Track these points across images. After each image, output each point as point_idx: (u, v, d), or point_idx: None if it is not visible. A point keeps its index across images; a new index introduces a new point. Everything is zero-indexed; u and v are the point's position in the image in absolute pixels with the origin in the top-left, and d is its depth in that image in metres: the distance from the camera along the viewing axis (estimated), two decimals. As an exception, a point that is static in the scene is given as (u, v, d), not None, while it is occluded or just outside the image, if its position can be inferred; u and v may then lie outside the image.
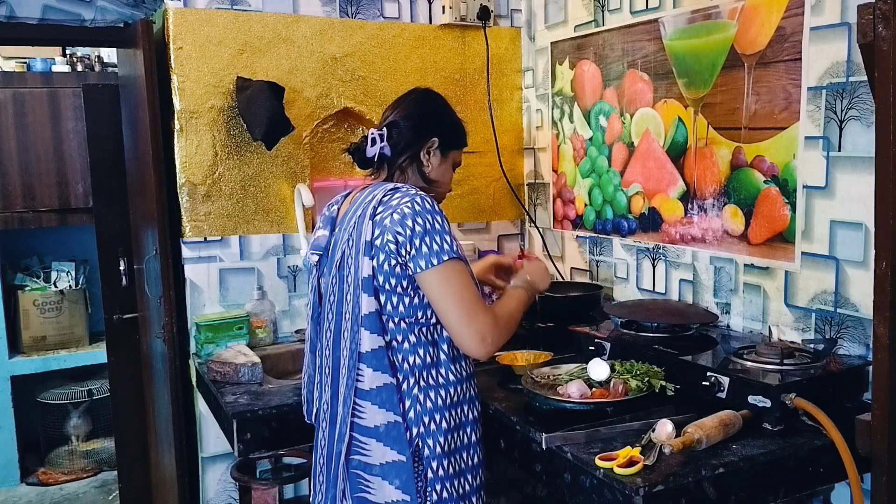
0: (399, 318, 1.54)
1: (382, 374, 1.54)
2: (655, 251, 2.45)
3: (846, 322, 1.87)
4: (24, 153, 4.00)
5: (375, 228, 1.53)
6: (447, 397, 1.57)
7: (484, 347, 1.53)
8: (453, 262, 1.51)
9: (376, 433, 1.54)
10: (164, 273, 2.48)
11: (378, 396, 1.54)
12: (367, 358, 1.54)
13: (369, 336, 1.53)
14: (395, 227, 1.51)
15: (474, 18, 2.85)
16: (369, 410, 1.54)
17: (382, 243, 1.51)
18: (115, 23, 2.72)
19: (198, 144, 2.48)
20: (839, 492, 1.84)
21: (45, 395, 4.20)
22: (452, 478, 1.57)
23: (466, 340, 1.52)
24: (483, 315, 1.53)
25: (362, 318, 1.53)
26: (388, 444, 1.53)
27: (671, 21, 2.31)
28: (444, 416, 1.56)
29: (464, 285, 1.52)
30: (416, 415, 1.54)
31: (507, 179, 3.01)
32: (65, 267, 4.29)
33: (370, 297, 1.52)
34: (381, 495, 1.54)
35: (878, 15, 1.31)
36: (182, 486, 2.54)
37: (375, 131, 1.66)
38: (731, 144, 2.15)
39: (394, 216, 1.51)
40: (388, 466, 1.54)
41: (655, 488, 1.40)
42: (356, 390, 1.55)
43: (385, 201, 1.55)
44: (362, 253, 1.53)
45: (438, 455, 1.54)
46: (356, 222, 1.57)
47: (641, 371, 1.82)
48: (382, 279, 1.52)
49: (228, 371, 2.20)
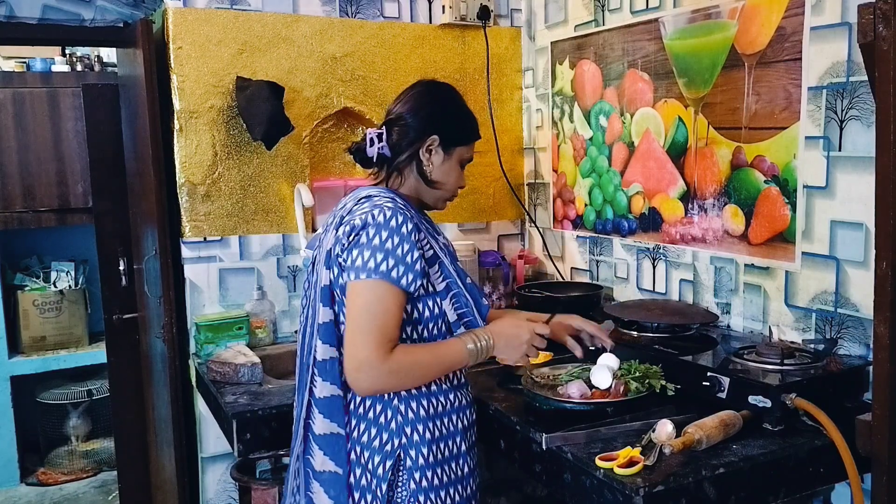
0: None
1: (331, 385, 1.50)
2: (656, 251, 2.45)
3: (846, 322, 1.86)
4: (24, 153, 4.00)
5: (336, 240, 1.50)
6: (429, 408, 1.52)
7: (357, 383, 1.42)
8: (373, 283, 1.41)
9: (319, 441, 1.53)
10: (164, 273, 2.47)
11: (325, 406, 1.51)
12: (320, 367, 1.51)
13: (321, 346, 1.50)
14: (343, 238, 1.47)
15: (474, 18, 2.85)
16: (317, 419, 1.53)
17: (335, 255, 1.49)
18: (115, 22, 2.72)
19: (197, 144, 2.48)
20: (839, 492, 1.84)
21: (45, 395, 4.20)
22: (439, 489, 1.52)
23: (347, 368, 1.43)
24: (370, 349, 1.39)
25: (319, 328, 1.50)
26: (328, 455, 1.51)
27: (671, 21, 2.31)
28: (428, 426, 1.51)
29: (367, 310, 1.41)
30: (398, 426, 1.50)
31: (507, 179, 3.01)
32: (64, 267, 4.29)
33: (325, 307, 1.50)
34: (319, 501, 1.53)
35: (879, 15, 1.31)
36: (182, 486, 2.54)
37: (374, 131, 1.60)
38: (732, 144, 2.14)
39: (345, 228, 1.48)
40: (325, 476, 1.52)
41: (656, 488, 1.40)
42: (311, 395, 1.54)
43: (353, 210, 1.51)
44: (323, 262, 1.51)
45: (422, 466, 1.50)
46: (324, 230, 1.56)
47: (641, 371, 1.82)
48: (339, 291, 1.50)
49: (228, 371, 2.20)
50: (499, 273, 2.85)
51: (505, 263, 2.88)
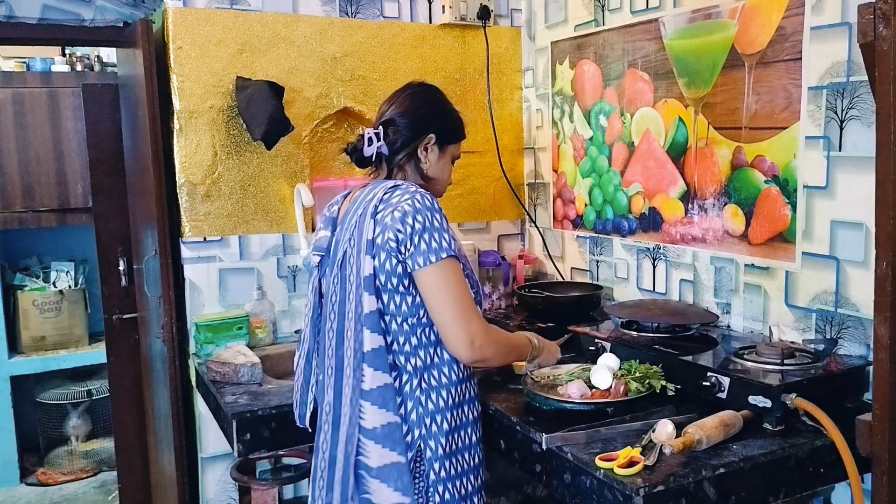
0: (402, 318, 1.54)
1: (382, 374, 1.53)
2: (656, 251, 2.45)
3: (847, 322, 1.86)
4: (24, 153, 4.00)
5: (376, 227, 1.52)
6: (448, 398, 1.57)
7: (472, 352, 1.51)
8: (450, 261, 1.51)
9: (374, 435, 1.53)
10: (164, 273, 2.47)
11: (379, 397, 1.53)
12: (369, 358, 1.53)
13: (370, 335, 1.52)
14: (396, 224, 1.50)
15: (474, 18, 2.85)
16: (369, 411, 1.53)
17: (383, 241, 1.51)
18: (115, 22, 2.72)
19: (197, 144, 2.48)
20: (839, 492, 1.84)
21: (45, 395, 4.20)
22: (454, 479, 1.57)
23: (457, 340, 1.51)
24: (477, 320, 1.53)
25: (364, 318, 1.52)
26: (387, 446, 1.52)
27: (671, 21, 2.31)
28: (446, 417, 1.56)
29: (459, 286, 1.52)
30: (418, 416, 1.54)
31: (507, 179, 3.01)
32: (64, 267, 4.29)
33: (371, 295, 1.52)
34: (380, 498, 1.54)
35: (879, 15, 1.31)
36: (182, 486, 2.54)
37: (371, 131, 1.64)
38: (732, 144, 2.14)
39: (394, 214, 1.51)
40: (385, 469, 1.53)
41: (656, 489, 1.40)
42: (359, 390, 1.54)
43: (385, 199, 1.55)
44: (364, 252, 1.52)
45: (440, 457, 1.55)
46: (357, 221, 1.56)
47: (641, 371, 1.82)
48: (384, 278, 1.52)
49: (228, 371, 2.19)
50: (499, 273, 2.84)
51: (505, 263, 2.88)
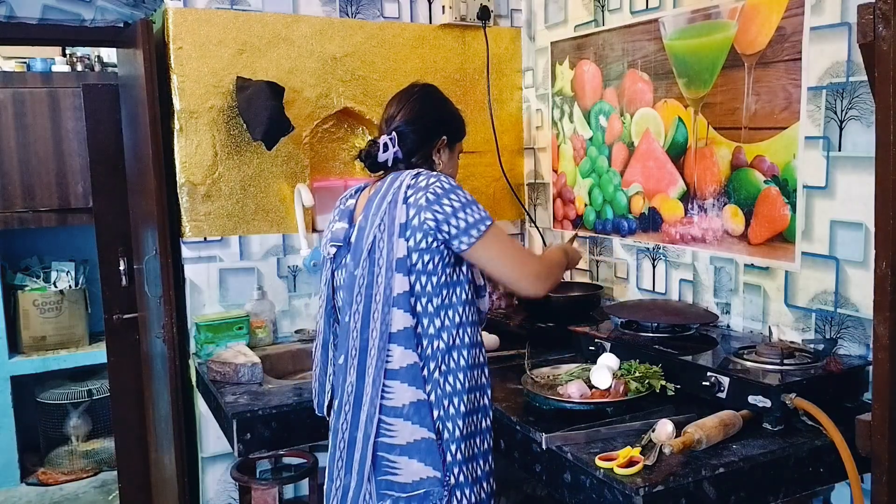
0: (427, 298, 1.58)
1: (411, 353, 1.57)
2: (655, 251, 2.45)
3: (846, 322, 1.86)
4: (24, 153, 4.00)
5: (409, 210, 1.57)
6: (465, 381, 1.60)
7: (541, 283, 1.67)
8: (491, 227, 1.61)
9: (403, 412, 1.56)
10: (164, 273, 2.47)
11: (407, 375, 1.56)
12: (397, 337, 1.56)
13: (402, 315, 1.56)
14: (432, 206, 1.56)
15: (474, 18, 2.85)
16: (398, 389, 1.56)
17: (420, 222, 1.56)
18: (115, 23, 2.72)
19: (198, 144, 2.48)
20: (839, 492, 1.84)
21: (45, 395, 4.20)
22: (468, 461, 1.60)
23: (526, 283, 1.65)
24: (532, 258, 1.75)
25: (394, 298, 1.56)
26: (416, 423, 1.56)
27: (671, 21, 2.31)
28: (462, 399, 1.59)
29: (507, 242, 1.67)
30: (437, 398, 1.57)
31: (507, 179, 3.01)
32: (65, 267, 4.29)
33: (403, 276, 1.56)
34: (409, 474, 1.56)
35: (878, 15, 1.31)
36: (182, 486, 2.54)
37: (386, 137, 1.69)
38: (731, 144, 2.14)
39: (428, 196, 1.57)
40: (415, 445, 1.56)
41: (655, 488, 1.40)
42: (385, 371, 1.57)
43: (413, 185, 1.60)
44: (396, 235, 1.57)
45: (457, 438, 1.58)
46: (387, 207, 1.60)
47: (641, 371, 1.82)
48: (416, 257, 1.56)
49: (228, 371, 2.20)
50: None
51: (505, 263, 2.87)
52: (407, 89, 1.78)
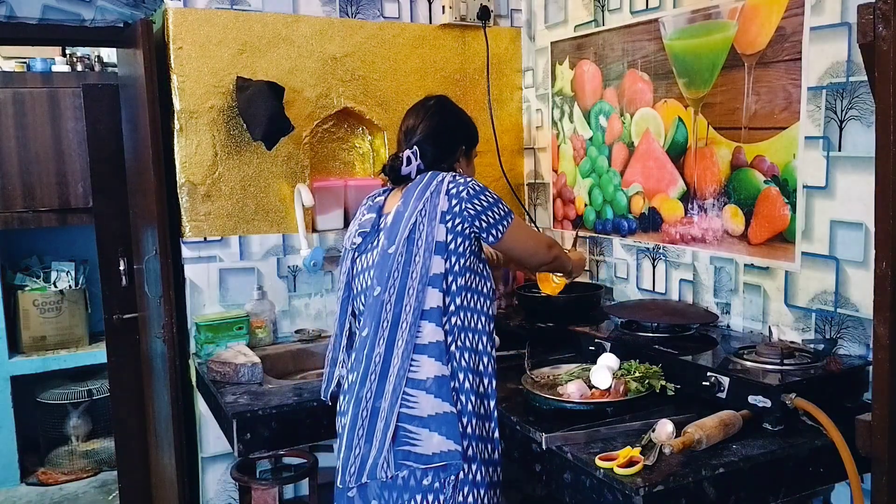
0: (452, 277, 1.68)
1: (439, 330, 1.65)
2: (655, 251, 2.45)
3: (846, 322, 1.86)
4: (24, 153, 4.00)
5: (452, 199, 1.69)
6: (474, 362, 1.68)
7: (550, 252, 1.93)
8: (513, 221, 1.76)
9: (425, 385, 1.62)
10: (164, 273, 2.47)
11: (434, 350, 1.64)
12: (429, 314, 1.65)
13: (436, 294, 1.65)
14: (473, 198, 1.70)
15: (474, 18, 2.85)
16: (424, 363, 1.63)
17: (461, 209, 1.68)
18: (115, 23, 2.72)
19: (198, 144, 2.48)
20: (839, 492, 1.84)
21: (45, 395, 4.20)
22: (479, 440, 1.66)
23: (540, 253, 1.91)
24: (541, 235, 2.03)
25: (430, 278, 1.66)
26: (439, 396, 1.62)
27: (671, 21, 2.31)
28: (474, 377, 1.67)
29: (525, 230, 1.91)
30: (453, 370, 1.65)
31: (507, 179, 3.01)
32: (65, 267, 4.29)
33: (441, 258, 1.66)
34: (429, 446, 1.61)
35: (878, 15, 1.31)
36: (182, 486, 2.54)
37: (409, 152, 1.78)
38: (731, 144, 2.14)
39: (469, 191, 1.70)
40: (436, 418, 1.61)
41: (655, 488, 1.40)
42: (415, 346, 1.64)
43: (454, 181, 1.72)
44: (438, 220, 1.67)
45: (470, 412, 1.64)
46: (430, 196, 1.70)
47: (641, 371, 1.82)
48: (451, 238, 1.68)
49: (228, 371, 2.20)
50: (499, 273, 2.84)
51: (505, 263, 2.88)
52: (422, 103, 1.88)
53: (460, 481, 1.62)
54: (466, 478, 1.62)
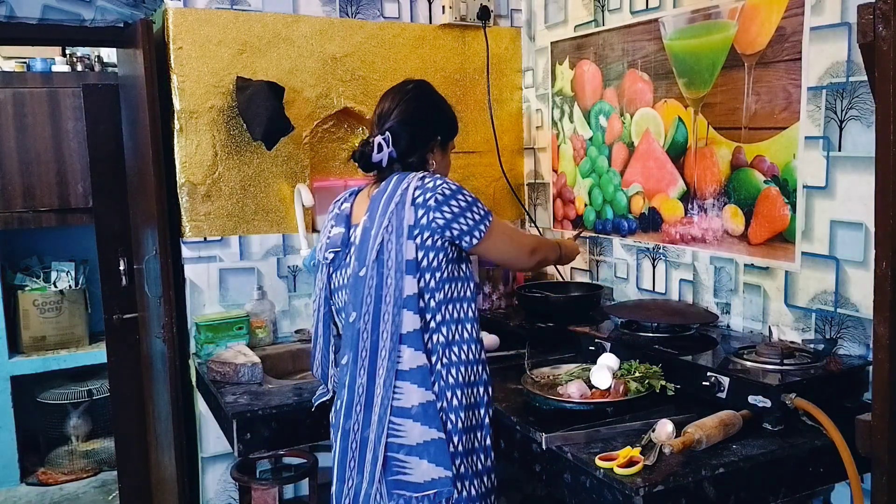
0: (430, 294, 1.59)
1: (420, 354, 1.58)
2: (655, 251, 2.45)
3: (846, 322, 1.86)
4: (24, 153, 4.00)
5: (418, 210, 1.59)
6: (466, 375, 1.63)
7: (533, 257, 1.82)
8: (492, 223, 1.66)
9: (411, 413, 1.58)
10: (164, 273, 2.47)
11: (416, 376, 1.58)
12: (408, 339, 1.58)
13: (411, 317, 1.58)
14: (441, 206, 1.59)
15: (474, 18, 2.85)
16: (407, 390, 1.58)
17: (428, 221, 1.58)
18: (115, 23, 2.72)
19: (198, 144, 2.48)
20: (839, 492, 1.84)
21: (45, 395, 4.19)
22: (469, 454, 1.62)
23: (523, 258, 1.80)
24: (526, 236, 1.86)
25: (405, 300, 1.58)
26: (426, 424, 1.57)
27: (671, 21, 2.31)
28: (465, 392, 1.62)
29: (506, 232, 1.77)
30: (440, 389, 1.59)
31: (507, 179, 3.01)
32: (65, 267, 4.29)
33: (413, 277, 1.58)
34: (420, 474, 1.57)
35: (878, 15, 1.31)
36: (182, 486, 2.54)
37: (380, 137, 1.68)
38: (731, 144, 2.14)
39: (437, 198, 1.59)
40: (425, 446, 1.57)
41: (655, 488, 1.40)
42: (396, 372, 1.58)
43: (421, 186, 1.61)
44: (405, 237, 1.58)
45: (459, 430, 1.60)
46: (395, 209, 1.60)
47: (641, 371, 1.82)
48: (422, 255, 1.58)
49: (228, 371, 2.20)
50: (499, 273, 2.84)
51: (505, 263, 2.88)
52: (400, 86, 1.77)
53: (454, 501, 1.59)
54: (461, 496, 1.59)
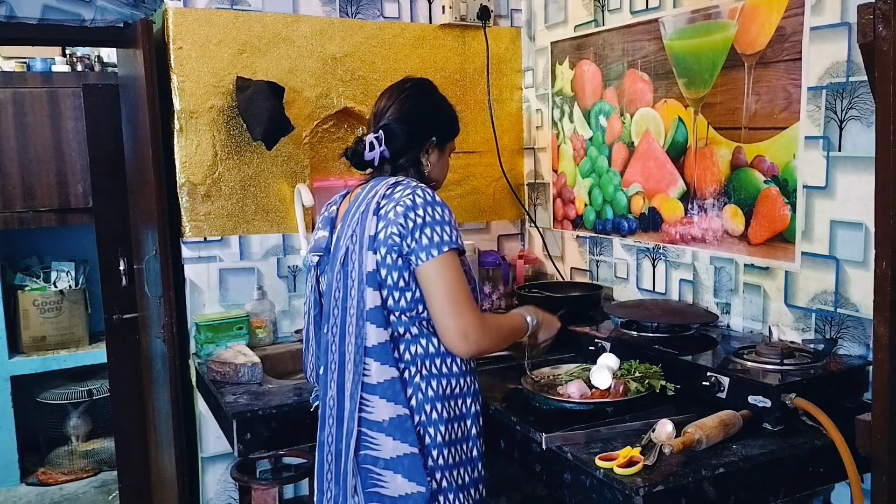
0: (400, 311, 1.55)
1: (389, 368, 1.53)
2: (655, 251, 2.45)
3: (846, 322, 1.86)
4: (24, 153, 4.00)
5: (379, 222, 1.53)
6: (447, 387, 1.58)
7: (466, 345, 1.52)
8: (450, 255, 1.52)
9: (384, 427, 1.54)
10: (164, 273, 2.47)
11: (385, 390, 1.54)
12: (373, 352, 1.54)
13: (375, 330, 1.53)
14: (398, 219, 1.51)
15: (474, 18, 2.85)
16: (377, 404, 1.54)
17: (385, 237, 1.52)
18: (115, 23, 2.72)
19: (198, 144, 2.48)
20: (839, 492, 1.84)
21: (45, 395, 4.20)
22: (452, 468, 1.58)
23: (450, 334, 1.52)
24: (471, 313, 1.52)
25: (367, 313, 1.53)
26: (398, 438, 1.54)
27: (671, 21, 2.31)
28: (445, 405, 1.57)
29: (454, 279, 1.52)
30: (418, 403, 1.56)
31: (507, 179, 3.01)
32: (65, 267, 4.29)
33: (374, 291, 1.52)
34: (395, 488, 1.54)
35: (878, 15, 1.31)
36: (182, 486, 2.54)
37: (372, 135, 1.63)
38: (731, 144, 2.14)
39: (396, 209, 1.52)
40: (399, 460, 1.54)
41: (655, 488, 1.40)
42: (363, 385, 1.55)
43: (388, 195, 1.56)
44: (366, 248, 1.53)
45: (439, 444, 1.56)
46: (359, 218, 1.57)
47: (641, 371, 1.82)
48: (385, 273, 1.53)
49: (228, 371, 2.20)
50: (499, 273, 2.85)
51: (505, 263, 2.88)
52: (399, 83, 1.72)
53: None
54: None
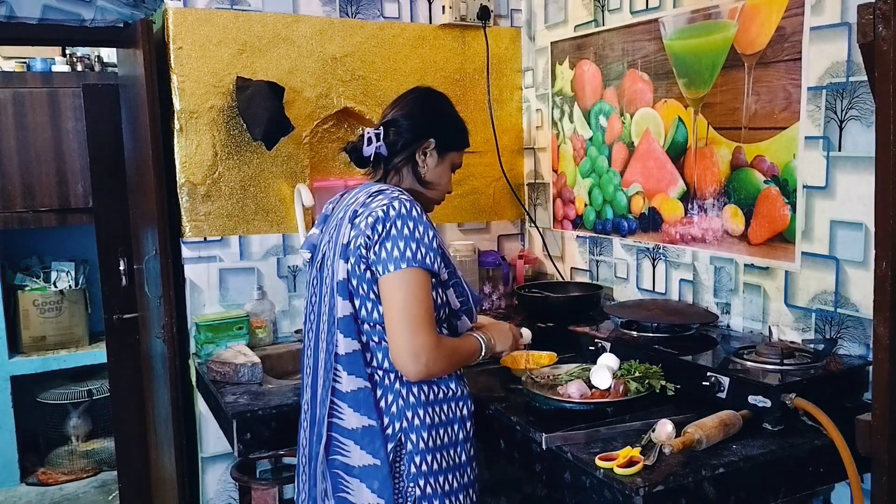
0: (373, 322, 1.53)
1: (357, 378, 1.52)
2: (655, 251, 2.45)
3: (846, 322, 1.86)
4: (24, 153, 4.00)
5: (352, 231, 1.53)
6: (429, 393, 1.57)
7: (416, 366, 1.47)
8: (412, 272, 1.46)
9: (355, 436, 1.54)
10: (164, 273, 2.48)
11: (354, 400, 1.53)
12: (343, 361, 1.53)
13: (344, 340, 1.52)
14: (367, 230, 1.50)
15: (474, 18, 2.85)
16: (348, 413, 1.54)
17: (355, 246, 1.51)
18: (115, 23, 2.72)
19: (198, 144, 2.48)
20: (839, 492, 1.84)
21: (45, 395, 4.20)
22: (437, 474, 1.56)
23: (400, 352, 1.46)
24: (425, 334, 1.46)
25: (338, 321, 1.52)
26: (365, 449, 1.52)
27: (671, 21, 2.31)
28: (427, 411, 1.56)
29: (413, 298, 1.46)
30: (399, 410, 1.54)
31: (507, 179, 3.01)
32: (65, 267, 4.29)
33: (345, 300, 1.52)
34: (359, 497, 1.54)
35: (878, 15, 1.31)
36: (182, 486, 2.54)
37: (372, 130, 1.64)
38: (732, 144, 2.14)
39: (368, 219, 1.50)
40: (366, 469, 1.53)
41: (655, 488, 1.40)
42: (334, 391, 1.54)
43: (366, 203, 1.55)
44: (338, 255, 1.53)
45: (422, 451, 1.54)
46: (338, 224, 1.58)
47: (641, 371, 1.82)
48: (356, 282, 1.52)
49: (228, 371, 2.20)
50: (499, 273, 2.85)
51: (505, 263, 2.88)
52: (409, 90, 1.75)
53: None
54: None
